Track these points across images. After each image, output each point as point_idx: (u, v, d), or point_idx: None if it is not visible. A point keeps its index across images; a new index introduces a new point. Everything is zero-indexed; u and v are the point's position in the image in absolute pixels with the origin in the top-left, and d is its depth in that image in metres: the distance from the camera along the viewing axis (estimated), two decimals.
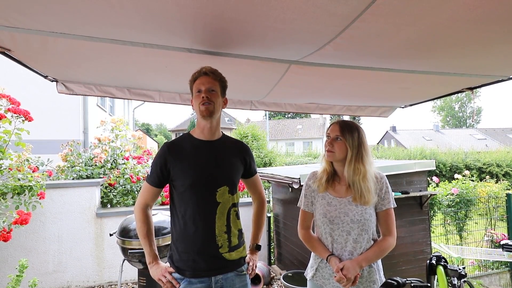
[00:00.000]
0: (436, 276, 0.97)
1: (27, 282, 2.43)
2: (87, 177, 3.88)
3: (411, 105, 2.78)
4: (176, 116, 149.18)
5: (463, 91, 2.24)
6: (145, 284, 2.75)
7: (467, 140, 30.60)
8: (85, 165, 3.99)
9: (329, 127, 1.59)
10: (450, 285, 1.12)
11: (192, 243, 1.36)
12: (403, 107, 2.86)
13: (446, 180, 5.89)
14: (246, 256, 1.52)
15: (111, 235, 2.82)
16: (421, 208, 3.52)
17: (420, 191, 3.46)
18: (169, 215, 2.87)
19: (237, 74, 1.85)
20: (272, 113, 50.49)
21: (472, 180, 5.57)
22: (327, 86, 2.07)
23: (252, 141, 9.73)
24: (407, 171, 3.48)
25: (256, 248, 1.59)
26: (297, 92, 2.19)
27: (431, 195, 3.46)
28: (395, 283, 0.86)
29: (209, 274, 1.35)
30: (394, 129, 35.19)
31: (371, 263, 1.51)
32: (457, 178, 5.62)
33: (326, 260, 1.53)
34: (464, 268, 1.23)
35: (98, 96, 2.41)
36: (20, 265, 2.33)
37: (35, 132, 5.19)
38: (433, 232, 5.21)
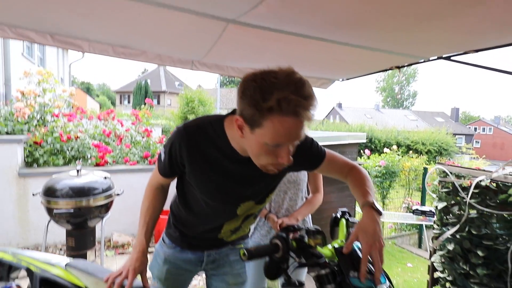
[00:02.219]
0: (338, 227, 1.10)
1: None
2: (7, 133, 3.49)
3: (347, 78, 2.93)
4: (120, 76, 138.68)
5: (392, 69, 2.42)
6: (74, 245, 2.66)
7: (401, 120, 33.60)
8: (4, 120, 3.57)
9: None
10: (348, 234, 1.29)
11: (192, 232, 1.21)
12: (340, 81, 3.01)
13: (377, 153, 6.47)
14: (246, 234, 1.35)
15: (34, 195, 2.65)
16: None
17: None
18: (101, 176, 2.76)
19: (174, 28, 1.76)
20: (224, 81, 49.52)
21: (398, 155, 6.20)
22: (266, 50, 2.08)
23: (199, 106, 9.54)
24: (341, 142, 3.75)
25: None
26: (237, 54, 2.16)
27: (359, 164, 3.79)
28: (292, 227, 0.95)
29: (203, 250, 1.24)
30: (340, 105, 37.08)
31: (304, 217, 1.71)
32: (385, 152, 6.22)
33: (265, 218, 1.66)
34: None
35: (13, 39, 2.11)
36: None
37: None
38: None
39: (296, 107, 0.78)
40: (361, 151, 6.66)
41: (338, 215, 1.16)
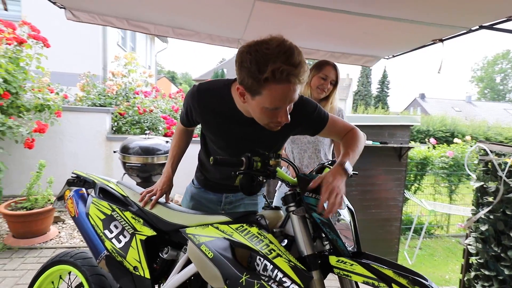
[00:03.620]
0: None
1: (46, 179, 2.96)
2: (100, 106, 4.33)
3: (393, 56, 2.88)
4: (201, 65, 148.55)
5: (435, 42, 2.34)
6: None
7: (500, 114, 28.90)
8: (99, 95, 4.42)
9: (321, 66, 1.96)
10: None
11: (212, 177, 1.40)
12: (387, 58, 2.97)
13: (445, 144, 5.93)
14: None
15: (114, 152, 3.30)
16: (399, 160, 3.74)
17: (401, 144, 3.64)
18: (164, 140, 3.28)
19: (214, 6, 2.05)
20: None
21: (471, 146, 5.60)
22: (301, 28, 2.23)
23: None
24: (390, 124, 3.65)
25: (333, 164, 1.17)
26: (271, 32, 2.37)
27: (409, 148, 3.65)
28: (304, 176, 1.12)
29: (222, 192, 1.42)
30: (422, 96, 33.61)
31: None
32: (456, 143, 5.67)
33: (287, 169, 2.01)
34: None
35: (100, 25, 2.67)
36: (40, 164, 2.86)
37: (59, 65, 5.65)
38: (422, 191, 5.45)
39: (288, 76, 0.91)
40: (427, 139, 6.17)
41: (326, 163, 1.30)
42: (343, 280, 1.03)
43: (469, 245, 2.21)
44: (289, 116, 1.04)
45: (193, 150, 1.59)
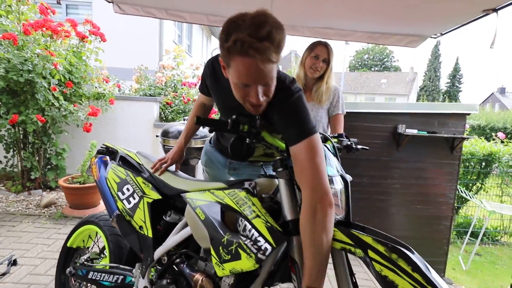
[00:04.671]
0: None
1: None
2: (150, 95, 4.68)
3: (442, 34, 2.60)
4: None
5: (488, 13, 2.05)
6: None
7: None
8: (149, 86, 4.78)
9: (314, 46, 1.94)
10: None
11: (221, 143, 1.48)
12: (434, 37, 2.69)
13: None
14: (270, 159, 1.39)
15: (157, 136, 3.54)
16: (452, 152, 3.36)
17: (454, 134, 3.27)
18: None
19: None
20: (356, 65, 46.95)
21: None
22: (331, 2, 2.14)
23: None
24: (441, 111, 3.30)
25: None
26: (298, 11, 2.31)
27: (463, 139, 3.25)
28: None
29: (227, 157, 1.51)
30: (502, 90, 29.64)
31: None
32: None
33: None
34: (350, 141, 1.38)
35: (142, 16, 2.88)
36: (91, 144, 3.21)
37: (119, 61, 6.22)
38: (486, 191, 4.83)
39: (249, 48, 0.84)
40: (493, 135, 5.44)
41: (328, 136, 1.25)
42: (333, 253, 0.99)
43: None
44: (261, 98, 0.95)
45: None
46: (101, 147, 1.74)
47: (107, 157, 1.64)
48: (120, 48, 6.61)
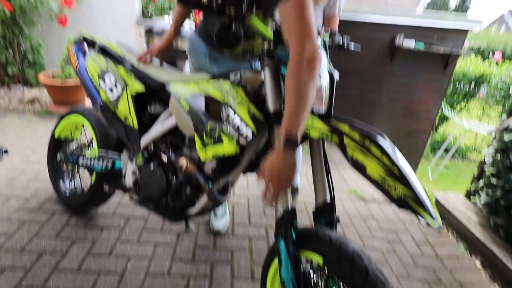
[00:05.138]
0: None
1: None
2: None
3: None
4: None
5: None
6: None
7: None
8: None
9: None
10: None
11: (203, 26, 1.42)
12: None
13: None
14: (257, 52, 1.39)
15: (141, 35, 3.30)
16: (444, 69, 3.31)
17: (451, 51, 3.17)
18: (189, 25, 3.18)
19: None
20: None
21: None
22: None
23: None
24: (442, 27, 3.12)
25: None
26: None
27: (458, 56, 3.18)
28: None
29: (208, 45, 1.42)
30: None
31: None
32: None
33: None
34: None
35: None
36: (68, 39, 2.98)
37: None
38: (469, 112, 4.97)
39: None
40: (490, 53, 5.32)
41: (320, 30, 1.18)
42: (311, 142, 1.03)
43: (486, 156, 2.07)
44: None
45: None
46: (78, 37, 1.62)
47: (85, 45, 1.54)
48: None
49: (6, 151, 2.18)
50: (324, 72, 1.00)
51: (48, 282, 1.27)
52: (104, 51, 1.49)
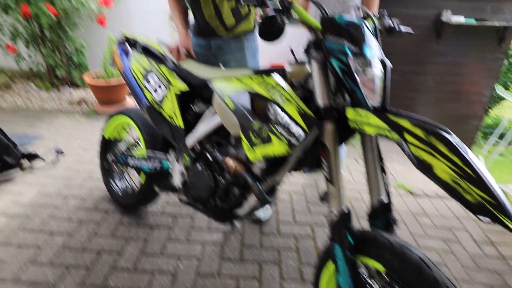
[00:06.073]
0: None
1: None
2: None
3: None
4: None
5: None
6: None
7: None
8: None
9: None
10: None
11: (202, 18, 1.50)
12: None
13: None
14: (249, 30, 1.56)
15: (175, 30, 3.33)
16: (499, 44, 3.00)
17: (508, 22, 2.85)
18: None
19: None
20: None
21: None
22: None
23: None
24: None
25: None
26: None
27: None
28: None
29: (210, 37, 1.54)
30: None
31: None
32: None
33: None
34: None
35: None
36: (109, 38, 3.09)
37: None
38: None
39: None
40: None
41: (370, 13, 1.10)
42: (364, 138, 0.97)
43: None
44: None
45: None
46: (120, 37, 1.65)
47: (128, 45, 1.57)
48: None
49: (61, 152, 2.33)
50: (375, 60, 0.92)
51: (108, 281, 1.35)
52: (146, 50, 1.52)
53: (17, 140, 2.38)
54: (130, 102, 3.41)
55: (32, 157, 2.19)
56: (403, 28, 1.19)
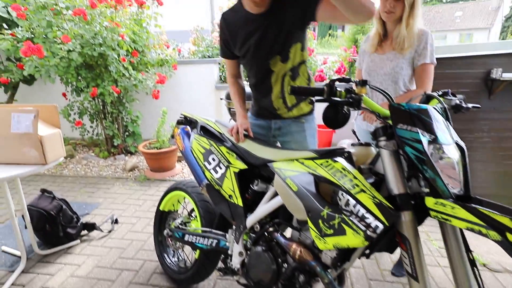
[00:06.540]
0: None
1: (169, 124, 3.49)
2: (209, 57, 4.66)
3: None
4: None
5: None
6: None
7: None
8: (207, 47, 4.74)
9: None
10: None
11: (258, 102, 1.58)
12: None
13: None
14: (308, 112, 1.57)
15: (221, 99, 3.56)
16: None
17: None
18: None
19: None
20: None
21: None
22: None
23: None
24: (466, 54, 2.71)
25: None
26: None
27: None
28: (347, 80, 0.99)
29: (270, 119, 1.58)
30: None
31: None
32: None
33: None
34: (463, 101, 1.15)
35: None
36: (163, 111, 3.36)
37: (173, 24, 6.20)
38: None
39: None
40: None
41: (435, 94, 1.09)
42: (444, 226, 0.89)
43: None
44: None
45: None
46: (180, 117, 1.78)
47: (189, 127, 1.68)
48: (172, 10, 6.58)
49: (116, 222, 2.42)
50: (450, 145, 0.88)
51: None
52: (205, 130, 1.60)
53: (78, 208, 2.53)
54: (179, 168, 3.56)
55: (91, 227, 2.29)
56: (470, 105, 1.15)
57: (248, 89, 1.63)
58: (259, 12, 1.33)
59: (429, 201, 0.84)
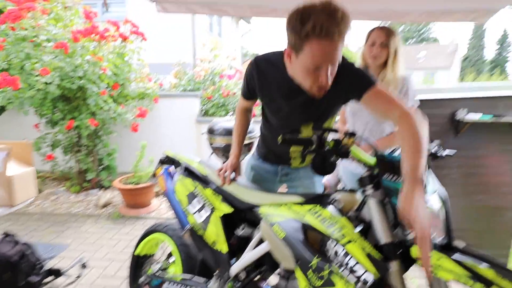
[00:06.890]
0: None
1: (148, 159, 3.41)
2: (190, 90, 4.69)
3: None
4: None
5: None
6: None
7: None
8: (188, 81, 4.80)
9: (371, 32, 1.74)
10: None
11: (270, 147, 1.48)
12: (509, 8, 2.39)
13: None
14: None
15: (202, 134, 3.55)
16: None
17: None
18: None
19: None
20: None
21: None
22: None
23: None
24: (507, 95, 2.97)
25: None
26: None
27: None
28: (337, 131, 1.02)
29: (278, 164, 1.50)
30: None
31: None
32: None
33: None
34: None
35: (185, 13, 2.84)
36: (142, 146, 3.29)
37: (156, 57, 6.28)
38: None
39: (328, 30, 0.94)
40: None
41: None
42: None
43: None
44: (329, 79, 1.04)
45: None
46: (162, 157, 1.73)
47: (172, 167, 1.63)
48: (155, 43, 6.68)
49: (85, 266, 2.25)
50: (433, 197, 0.92)
51: None
52: (190, 171, 1.56)
53: (44, 251, 2.34)
54: (156, 203, 3.43)
55: (56, 273, 2.11)
56: (447, 152, 1.22)
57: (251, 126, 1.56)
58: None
59: (415, 250, 0.85)
